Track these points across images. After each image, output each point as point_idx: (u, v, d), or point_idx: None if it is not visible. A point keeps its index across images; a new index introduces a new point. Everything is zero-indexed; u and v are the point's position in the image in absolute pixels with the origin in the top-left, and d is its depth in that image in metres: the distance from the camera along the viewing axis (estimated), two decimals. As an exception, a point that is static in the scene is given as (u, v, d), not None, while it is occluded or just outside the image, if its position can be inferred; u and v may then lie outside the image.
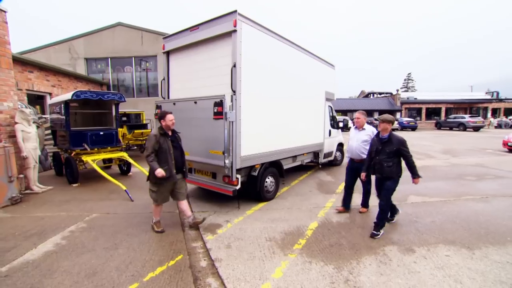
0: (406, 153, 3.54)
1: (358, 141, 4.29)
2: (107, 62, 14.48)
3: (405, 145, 3.54)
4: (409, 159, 3.54)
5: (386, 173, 3.60)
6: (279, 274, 2.73)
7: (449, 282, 2.60)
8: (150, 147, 3.45)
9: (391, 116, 3.67)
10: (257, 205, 4.88)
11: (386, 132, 3.64)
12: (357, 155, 4.28)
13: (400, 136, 3.60)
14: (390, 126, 3.63)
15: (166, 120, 3.57)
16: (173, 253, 3.20)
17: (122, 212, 4.60)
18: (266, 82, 4.80)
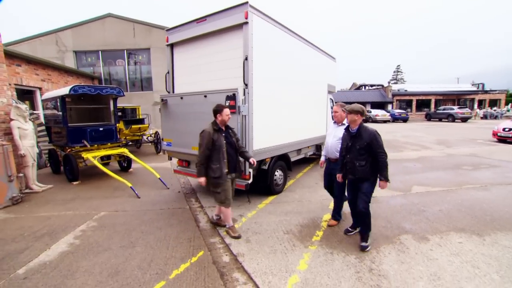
0: (377, 148, 2.93)
1: (335, 138, 3.68)
2: (98, 55, 13.96)
3: (378, 139, 2.95)
4: (380, 156, 2.92)
5: (359, 173, 3.05)
6: (304, 266, 2.77)
7: (467, 267, 2.71)
8: (205, 146, 3.28)
9: (359, 105, 3.11)
10: (267, 199, 4.89)
11: (355, 125, 3.10)
12: (333, 154, 3.68)
13: (371, 128, 3.05)
14: (359, 117, 3.07)
15: (223, 115, 3.32)
16: (193, 249, 3.18)
17: (131, 209, 4.52)
18: (275, 75, 4.76)
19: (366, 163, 3.03)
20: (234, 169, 3.52)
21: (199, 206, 4.69)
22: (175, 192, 5.48)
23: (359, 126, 3.09)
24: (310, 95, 6.27)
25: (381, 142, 2.97)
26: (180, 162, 5.39)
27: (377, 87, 35.51)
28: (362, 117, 3.11)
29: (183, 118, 4.73)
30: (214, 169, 3.33)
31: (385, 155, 2.97)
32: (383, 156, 2.95)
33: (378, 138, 2.98)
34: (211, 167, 3.34)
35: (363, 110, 3.10)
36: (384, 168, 2.96)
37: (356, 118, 3.08)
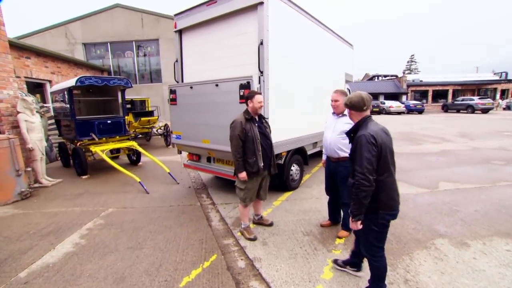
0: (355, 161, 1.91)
1: (334, 132, 2.98)
2: (107, 47, 13.77)
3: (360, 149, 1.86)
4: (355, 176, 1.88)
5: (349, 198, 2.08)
6: (329, 275, 2.46)
7: (522, 281, 2.33)
8: (236, 137, 2.92)
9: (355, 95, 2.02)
10: (283, 195, 4.59)
11: (353, 121, 2.09)
12: (333, 152, 2.98)
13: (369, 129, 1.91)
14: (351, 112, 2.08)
15: (254, 102, 2.97)
16: (205, 252, 2.92)
17: (140, 206, 4.31)
18: (292, 62, 4.38)
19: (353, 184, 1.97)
20: (268, 165, 3.18)
21: (210, 203, 4.44)
22: (186, 188, 5.25)
23: (357, 124, 2.02)
24: (328, 84, 5.83)
25: (365, 155, 1.81)
26: (190, 156, 5.13)
27: (390, 77, 34.22)
28: (355, 112, 2.02)
29: (193, 109, 4.44)
30: (251, 163, 2.99)
31: (361, 176, 1.81)
32: (357, 177, 1.82)
33: (359, 147, 1.85)
34: (247, 161, 3.01)
35: (350, 100, 2.01)
36: (354, 196, 1.86)
37: (349, 112, 2.11)
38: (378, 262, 2.04)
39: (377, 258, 2.04)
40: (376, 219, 1.93)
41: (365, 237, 2.05)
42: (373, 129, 1.90)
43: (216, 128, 4.11)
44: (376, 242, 2.01)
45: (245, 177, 2.97)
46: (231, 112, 3.86)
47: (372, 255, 2.05)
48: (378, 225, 1.95)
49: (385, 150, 1.86)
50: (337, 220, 3.40)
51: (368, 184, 1.81)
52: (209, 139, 4.23)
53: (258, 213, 3.52)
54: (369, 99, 2.00)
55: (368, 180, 1.81)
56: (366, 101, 1.98)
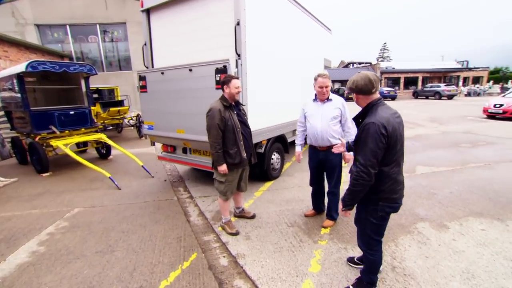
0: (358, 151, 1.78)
1: (324, 120, 2.79)
2: (66, 30, 12.42)
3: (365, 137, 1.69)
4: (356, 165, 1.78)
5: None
6: (317, 268, 2.36)
7: (499, 260, 2.39)
8: (214, 127, 2.66)
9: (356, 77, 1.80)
10: (264, 185, 4.45)
11: (360, 106, 1.89)
12: (325, 140, 2.81)
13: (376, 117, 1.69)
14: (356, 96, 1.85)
15: (231, 87, 2.72)
16: (184, 251, 2.70)
17: (110, 203, 3.95)
18: (271, 45, 4.15)
19: None
20: (250, 155, 2.98)
21: (188, 196, 4.19)
22: (161, 181, 4.93)
23: (364, 109, 1.80)
24: (307, 69, 5.69)
25: (370, 146, 1.64)
26: (164, 147, 4.79)
27: (365, 65, 35.10)
28: (362, 95, 1.79)
29: (165, 96, 4.07)
30: (232, 154, 2.76)
31: (361, 168, 1.67)
32: (358, 168, 1.70)
33: (366, 135, 1.66)
34: (228, 152, 2.77)
35: (356, 84, 1.77)
36: (350, 185, 1.76)
37: (355, 97, 1.85)
38: (373, 255, 1.94)
39: (373, 251, 1.94)
40: (375, 211, 1.80)
41: (362, 229, 1.94)
42: (384, 116, 1.66)
43: (191, 117, 3.81)
44: (373, 235, 1.90)
45: (225, 170, 2.75)
46: (207, 99, 3.56)
47: (369, 248, 1.94)
48: (377, 217, 1.83)
49: (395, 140, 1.68)
50: (321, 209, 3.32)
51: (368, 179, 1.67)
52: (183, 129, 3.92)
53: (239, 205, 3.34)
54: (377, 79, 1.75)
55: (369, 174, 1.66)
56: (375, 82, 1.72)
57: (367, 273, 2.02)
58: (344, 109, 2.82)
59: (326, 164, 2.92)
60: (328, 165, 2.91)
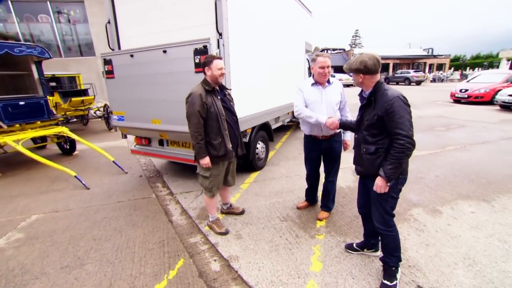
0: (395, 125, 1.67)
1: (330, 106, 2.52)
2: (8, 7, 10.65)
3: (398, 109, 1.65)
4: (397, 139, 1.67)
5: (365, 166, 1.91)
6: (318, 266, 2.18)
7: (495, 243, 2.39)
8: (195, 114, 2.32)
9: (361, 58, 1.79)
10: (250, 177, 4.19)
11: (366, 88, 1.87)
12: (332, 130, 2.50)
13: (393, 92, 1.73)
14: (364, 77, 1.80)
15: (213, 68, 2.36)
16: (168, 257, 2.39)
17: (77, 206, 3.46)
18: (254, 26, 3.80)
19: (377, 150, 1.81)
20: (236, 145, 2.67)
21: (168, 193, 3.82)
22: (136, 177, 4.47)
23: (374, 88, 1.79)
24: (289, 54, 5.42)
25: (406, 117, 1.66)
26: (138, 139, 4.32)
27: (339, 51, 35.57)
28: (370, 75, 1.77)
29: (136, 83, 3.58)
30: (216, 146, 2.44)
31: (407, 140, 1.64)
32: (402, 141, 1.64)
33: (398, 109, 1.65)
34: (211, 142, 2.44)
35: (365, 64, 1.74)
36: (395, 159, 1.68)
37: (360, 79, 1.82)
38: (393, 231, 1.92)
39: (392, 227, 1.92)
40: (396, 184, 1.81)
41: (383, 207, 1.88)
42: (398, 92, 1.75)
43: (168, 105, 3.40)
44: (391, 211, 1.91)
45: (208, 163, 2.44)
46: (185, 85, 3.16)
47: (388, 226, 1.90)
48: (397, 191, 1.85)
49: None
50: (315, 200, 3.15)
51: (413, 148, 1.68)
52: (159, 119, 3.51)
53: (227, 201, 3.07)
54: (380, 60, 1.82)
55: (413, 142, 1.68)
56: (380, 62, 1.80)
57: (392, 252, 1.94)
58: (343, 92, 2.63)
59: (331, 152, 2.72)
60: (333, 154, 2.72)
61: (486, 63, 29.06)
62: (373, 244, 2.24)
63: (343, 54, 33.48)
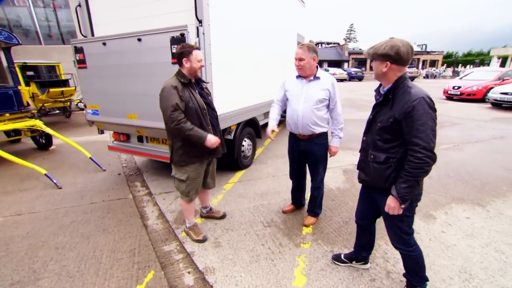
0: (414, 134, 1.38)
1: (308, 102, 2.27)
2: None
3: (421, 114, 1.36)
4: (413, 151, 1.38)
5: (371, 176, 1.63)
6: (302, 280, 1.98)
7: (491, 253, 2.23)
8: (172, 107, 2.04)
9: (391, 41, 1.44)
10: (234, 176, 3.96)
11: (386, 82, 1.53)
12: (306, 128, 2.31)
13: (417, 92, 1.41)
14: (390, 67, 1.45)
15: (192, 60, 2.11)
16: (138, 269, 2.15)
17: (44, 208, 3.17)
18: (240, 10, 3.50)
19: (387, 160, 1.52)
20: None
21: (146, 193, 3.56)
22: (114, 175, 4.19)
23: (395, 84, 1.47)
24: (279, 45, 5.13)
25: (430, 124, 1.36)
26: (116, 135, 4.02)
27: (333, 45, 35.27)
28: (397, 66, 1.44)
29: (110, 74, 3.27)
30: (198, 144, 2.20)
31: (426, 153, 1.35)
32: (420, 155, 1.35)
33: (421, 113, 1.35)
34: (189, 142, 2.19)
35: (398, 51, 1.40)
36: (411, 177, 1.40)
37: (384, 68, 1.46)
38: (414, 251, 1.67)
39: (412, 247, 1.67)
40: (411, 203, 1.54)
41: (398, 226, 1.62)
42: (424, 91, 1.43)
43: (144, 99, 3.11)
44: (409, 230, 1.64)
45: (216, 141, 2.20)
46: (162, 77, 2.83)
47: (407, 245, 1.66)
48: (413, 209, 1.60)
49: None
50: (302, 204, 2.94)
51: (432, 163, 1.38)
52: (135, 114, 3.22)
53: (206, 204, 2.83)
54: (414, 50, 1.53)
55: (434, 157, 1.38)
56: (413, 52, 1.50)
57: (416, 272, 1.73)
58: (334, 91, 2.30)
59: (309, 156, 2.48)
60: (311, 157, 2.47)
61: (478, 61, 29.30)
62: (363, 257, 2.03)
63: (338, 48, 33.20)
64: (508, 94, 9.05)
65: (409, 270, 1.76)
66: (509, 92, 9.08)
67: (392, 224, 1.65)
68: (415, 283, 1.73)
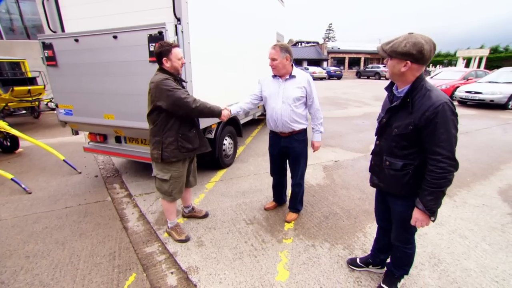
0: (435, 143, 1.33)
1: (285, 101, 2.33)
2: None
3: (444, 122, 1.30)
4: (436, 161, 1.33)
5: (387, 182, 1.59)
6: (285, 275, 2.03)
7: (457, 239, 2.42)
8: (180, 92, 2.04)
9: (411, 38, 1.31)
10: (216, 175, 3.95)
11: (402, 83, 1.44)
12: (286, 126, 2.38)
13: (438, 95, 1.33)
14: (411, 66, 1.34)
15: (173, 59, 2.08)
16: (118, 272, 2.09)
17: (12, 215, 2.98)
18: (217, 12, 3.48)
19: (404, 167, 1.47)
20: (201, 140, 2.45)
21: (126, 195, 3.46)
22: (91, 178, 4.02)
23: (413, 86, 1.38)
24: (259, 45, 5.16)
25: (453, 132, 1.31)
26: (92, 136, 3.86)
27: (313, 44, 35.93)
28: (418, 65, 1.34)
29: (83, 72, 3.13)
30: (191, 138, 2.23)
31: (449, 162, 1.32)
32: (444, 164, 1.31)
33: (444, 120, 1.29)
34: (185, 135, 2.20)
35: (421, 49, 1.29)
36: (435, 188, 1.34)
37: (403, 68, 1.35)
38: (411, 249, 1.74)
39: (411, 245, 1.73)
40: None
41: (406, 228, 1.61)
42: (445, 95, 1.34)
43: (121, 98, 3.01)
44: (414, 229, 1.65)
45: (229, 114, 2.41)
46: (138, 76, 2.83)
47: (407, 243, 1.71)
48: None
49: None
50: (283, 200, 3.00)
51: (455, 170, 1.33)
52: (112, 113, 3.11)
53: (188, 204, 2.80)
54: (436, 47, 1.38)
55: (456, 165, 1.33)
56: (435, 50, 1.34)
57: (402, 266, 1.80)
58: (310, 88, 2.37)
59: (289, 152, 2.54)
60: (292, 154, 2.54)
61: (446, 61, 31.12)
62: (381, 261, 1.99)
63: (317, 47, 33.88)
64: (472, 93, 9.73)
65: (396, 263, 1.80)
66: (472, 91, 9.77)
67: (400, 225, 1.64)
68: (397, 274, 1.81)
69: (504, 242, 2.37)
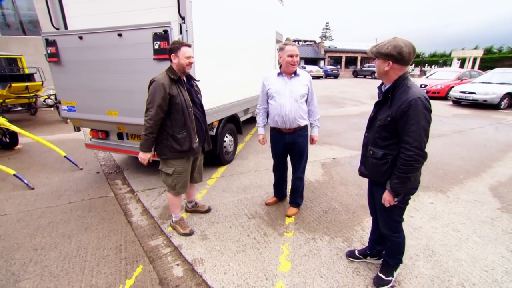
0: (406, 132, 1.48)
1: (293, 98, 2.40)
2: None
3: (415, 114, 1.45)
4: (405, 149, 1.49)
5: (369, 170, 1.76)
6: (287, 266, 2.12)
7: (450, 232, 2.54)
8: (157, 106, 2.09)
9: (395, 42, 1.50)
10: (217, 171, 4.02)
11: (387, 81, 1.61)
12: (294, 122, 2.45)
13: (414, 92, 1.48)
14: (392, 66, 1.52)
15: (180, 57, 2.14)
16: (126, 264, 2.16)
17: (16, 210, 3.02)
18: (219, 11, 3.55)
19: (384, 156, 1.62)
20: (203, 140, 2.51)
21: (128, 190, 3.52)
22: (93, 174, 4.06)
23: (395, 83, 1.55)
24: (259, 43, 5.24)
25: (423, 124, 1.45)
26: (94, 133, 3.90)
27: (310, 42, 36.03)
28: (399, 65, 1.52)
29: (86, 69, 3.17)
30: (180, 140, 2.24)
31: (416, 151, 1.46)
32: (411, 152, 1.46)
33: (415, 113, 1.45)
34: (174, 136, 2.23)
35: (400, 51, 1.47)
36: (402, 173, 1.51)
37: (386, 67, 1.53)
38: (399, 237, 1.84)
39: (398, 233, 1.84)
40: (404, 195, 1.65)
41: (389, 215, 1.77)
42: (421, 92, 1.50)
43: (125, 95, 3.07)
44: (399, 218, 1.80)
45: (146, 159, 2.26)
46: (142, 73, 2.89)
47: (394, 232, 1.82)
48: (405, 201, 1.72)
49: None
50: (284, 195, 3.09)
51: (423, 161, 1.51)
52: (116, 110, 3.16)
53: (192, 199, 2.88)
54: (416, 51, 1.56)
55: (424, 155, 1.49)
56: (415, 53, 1.52)
57: (394, 255, 1.91)
58: (311, 86, 2.52)
59: (294, 147, 2.62)
60: (297, 149, 2.63)
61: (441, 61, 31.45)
62: (378, 252, 2.10)
63: (314, 46, 34.01)
64: (466, 93, 9.92)
65: (389, 253, 1.92)
66: (466, 91, 9.96)
67: (384, 213, 1.78)
68: (391, 263, 1.92)
69: (494, 235, 2.49)
